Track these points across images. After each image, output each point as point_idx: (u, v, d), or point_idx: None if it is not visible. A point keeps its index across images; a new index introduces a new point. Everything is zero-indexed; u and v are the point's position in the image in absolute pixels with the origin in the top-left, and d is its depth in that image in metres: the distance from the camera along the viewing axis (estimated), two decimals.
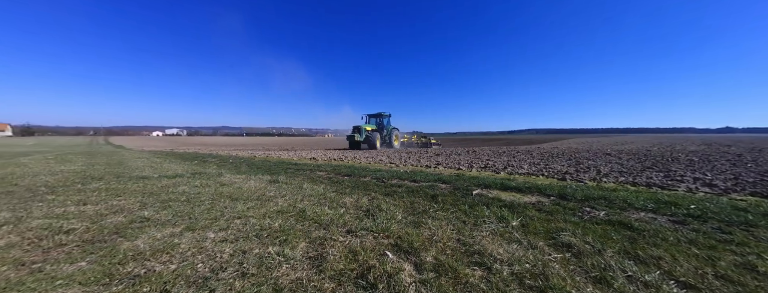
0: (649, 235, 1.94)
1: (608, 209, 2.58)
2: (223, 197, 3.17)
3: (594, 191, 3.31)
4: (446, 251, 1.72)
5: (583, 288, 1.31)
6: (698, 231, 2.04)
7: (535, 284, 1.34)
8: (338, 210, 2.60)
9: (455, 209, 2.65)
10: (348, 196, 3.25)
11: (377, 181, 4.38)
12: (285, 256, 1.63)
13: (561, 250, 1.73)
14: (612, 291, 1.29)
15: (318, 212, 2.50)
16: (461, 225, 2.19)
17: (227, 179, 4.56)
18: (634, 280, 1.37)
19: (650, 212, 2.53)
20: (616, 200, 2.86)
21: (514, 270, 1.48)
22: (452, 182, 4.07)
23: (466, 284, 1.36)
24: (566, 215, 2.45)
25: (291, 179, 4.45)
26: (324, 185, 4.00)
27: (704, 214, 2.37)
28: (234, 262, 1.58)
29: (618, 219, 2.27)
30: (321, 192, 3.45)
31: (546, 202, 2.94)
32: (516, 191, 3.51)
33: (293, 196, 3.23)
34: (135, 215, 2.48)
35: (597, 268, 1.48)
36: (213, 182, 4.21)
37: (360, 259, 1.60)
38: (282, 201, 2.98)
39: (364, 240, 1.90)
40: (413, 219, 2.35)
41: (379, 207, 2.69)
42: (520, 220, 2.28)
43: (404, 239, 1.88)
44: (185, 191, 3.58)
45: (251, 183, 4.10)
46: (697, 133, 52.81)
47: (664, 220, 2.31)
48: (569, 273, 1.44)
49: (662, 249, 1.70)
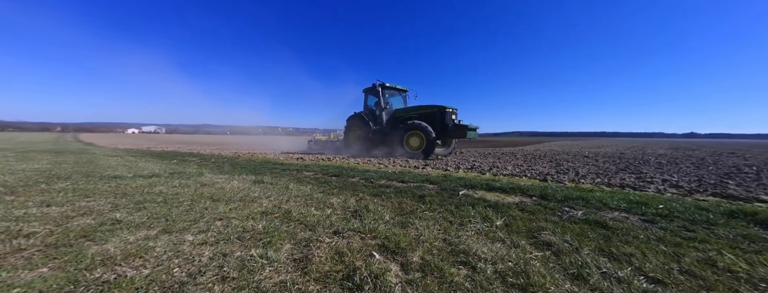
0: (622, 233, 2.05)
1: (585, 209, 2.71)
2: (204, 198, 3.04)
3: (573, 191, 3.47)
4: (433, 251, 1.74)
5: (561, 284, 1.36)
6: (665, 229, 2.18)
7: (517, 281, 1.38)
8: (325, 211, 2.57)
9: (442, 209, 2.68)
10: (335, 196, 3.22)
11: (365, 181, 4.36)
12: (268, 259, 1.58)
13: (542, 248, 1.79)
14: (588, 287, 1.35)
15: (304, 213, 2.46)
16: (448, 225, 2.22)
17: (208, 179, 4.38)
18: (608, 276, 1.44)
19: (623, 211, 2.67)
20: (593, 200, 3.01)
21: (498, 268, 1.51)
22: (439, 183, 4.13)
23: (451, 283, 1.37)
24: (547, 214, 2.54)
25: (277, 180, 4.34)
26: (311, 185, 3.94)
27: (671, 213, 2.54)
28: (214, 266, 1.52)
29: (594, 218, 2.38)
30: (308, 193, 3.39)
31: (528, 202, 3.04)
32: (500, 191, 3.60)
33: (278, 197, 3.16)
34: (105, 218, 2.33)
35: (574, 265, 1.54)
36: (193, 183, 4.03)
37: (346, 260, 1.58)
38: (267, 202, 2.90)
39: (351, 240, 1.89)
40: (401, 220, 2.35)
41: (366, 208, 2.67)
42: (503, 220, 2.34)
43: (391, 239, 1.88)
44: (162, 191, 3.41)
45: (234, 184, 3.96)
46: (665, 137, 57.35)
47: (635, 219, 2.45)
48: (549, 270, 1.50)
49: (634, 247, 1.80)
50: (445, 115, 9.83)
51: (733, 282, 1.40)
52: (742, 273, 1.47)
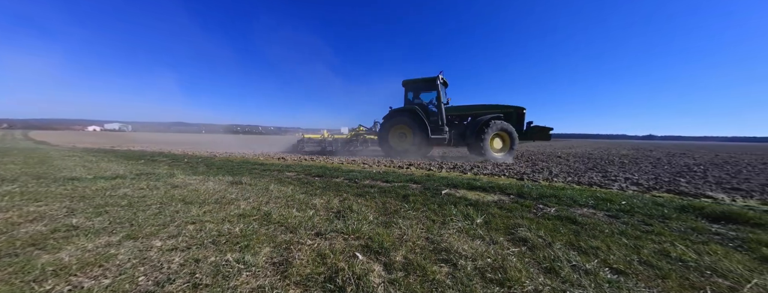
0: (589, 228, 2.20)
1: (558, 206, 2.87)
2: (175, 201, 2.85)
3: (546, 189, 3.66)
4: (415, 250, 1.75)
5: (535, 278, 1.44)
6: (627, 223, 2.36)
7: (495, 277, 1.43)
8: (307, 212, 2.51)
9: (425, 208, 2.72)
10: (318, 197, 3.15)
11: (349, 182, 4.32)
12: (245, 263, 1.51)
13: (518, 244, 1.87)
14: (559, 279, 1.43)
15: (285, 215, 2.38)
16: (430, 224, 2.26)
17: (181, 180, 4.12)
18: (578, 269, 1.53)
19: (591, 208, 2.87)
20: (564, 197, 3.20)
21: (477, 264, 1.56)
22: (423, 183, 4.18)
23: (433, 281, 1.40)
24: (523, 212, 2.67)
25: (256, 181, 4.18)
26: (293, 186, 3.83)
27: (632, 209, 2.76)
28: (184, 273, 1.43)
29: (565, 215, 2.54)
30: (289, 194, 3.29)
31: (506, 200, 3.17)
32: (481, 190, 3.73)
33: (258, 198, 3.04)
34: (59, 224, 2.11)
35: (547, 260, 1.63)
36: (163, 184, 3.77)
37: (328, 262, 1.55)
38: (245, 204, 2.78)
39: (334, 242, 1.86)
40: (384, 220, 2.36)
41: (350, 208, 2.65)
42: (483, 217, 2.42)
43: (375, 239, 1.87)
44: (127, 194, 3.15)
45: (209, 185, 3.76)
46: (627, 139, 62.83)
47: (601, 215, 2.64)
48: (524, 265, 1.57)
49: (600, 240, 1.94)
50: (522, 116, 9.15)
51: (684, 271, 1.55)
52: (691, 262, 1.64)
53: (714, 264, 1.60)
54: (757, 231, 2.17)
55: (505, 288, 1.34)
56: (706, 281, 1.44)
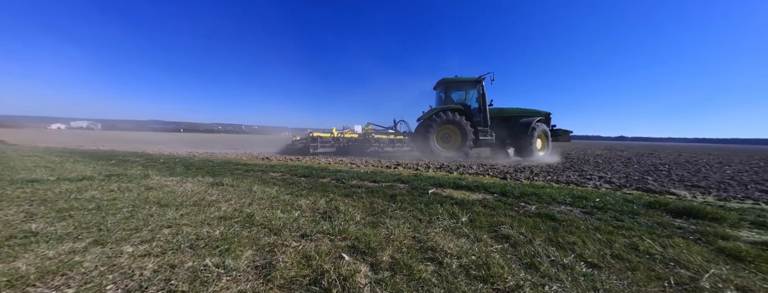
0: (567, 225, 2.31)
1: (538, 204, 2.99)
2: (149, 204, 2.69)
3: (528, 188, 3.81)
4: (402, 249, 1.76)
5: (517, 273, 1.48)
6: (601, 219, 2.50)
7: (479, 274, 1.47)
8: (292, 214, 2.45)
9: (412, 208, 2.74)
10: (304, 198, 3.09)
11: (337, 182, 4.27)
12: (226, 267, 1.45)
13: (501, 241, 1.93)
14: (539, 274, 1.49)
15: (269, 217, 2.31)
16: (417, 223, 2.27)
17: (156, 181, 3.89)
18: (556, 264, 1.60)
19: (568, 205, 3.01)
20: (544, 196, 3.34)
21: (462, 262, 1.59)
22: (410, 182, 4.21)
23: (419, 279, 1.41)
24: (506, 210, 2.75)
25: (238, 182, 4.03)
26: (278, 187, 3.73)
27: (605, 206, 2.93)
28: (158, 279, 1.35)
29: (545, 212, 2.65)
30: (274, 195, 3.20)
31: (490, 199, 3.26)
32: (466, 189, 3.81)
33: (240, 200, 2.93)
34: (16, 230, 1.93)
35: (528, 255, 1.69)
36: (136, 186, 3.55)
37: (314, 264, 1.52)
38: (226, 206, 2.67)
39: (320, 243, 1.83)
40: (372, 220, 2.35)
41: (337, 209, 2.62)
42: (468, 216, 2.48)
43: (362, 240, 1.86)
44: (95, 197, 2.94)
45: (188, 186, 3.58)
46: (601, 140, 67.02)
47: (577, 211, 2.78)
48: (507, 261, 1.62)
49: (576, 236, 2.04)
50: (549, 120, 9.65)
51: (651, 263, 1.66)
52: (657, 255, 1.76)
53: (677, 256, 1.73)
54: (714, 225, 2.37)
55: (488, 284, 1.38)
56: (670, 272, 1.55)
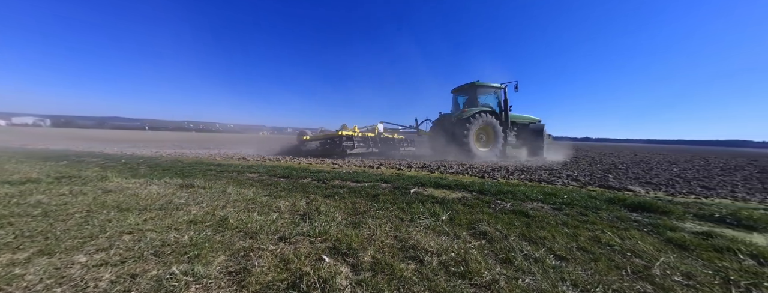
0: (538, 220, 2.45)
1: (513, 201, 3.15)
2: (108, 208, 2.46)
3: (504, 186, 3.99)
4: (384, 249, 1.76)
5: (493, 268, 1.55)
6: (568, 214, 2.69)
7: (458, 270, 1.51)
8: (270, 216, 2.36)
9: (394, 207, 2.76)
10: (283, 199, 2.99)
11: (318, 182, 4.18)
12: (195, 275, 1.36)
13: (479, 238, 2.00)
14: (513, 268, 1.56)
15: (244, 220, 2.21)
16: (399, 222, 2.29)
17: (116, 184, 3.56)
18: (528, 258, 1.70)
19: (540, 202, 3.20)
20: (518, 193, 3.52)
21: (442, 259, 1.63)
22: (393, 182, 4.24)
23: (400, 278, 1.42)
24: (483, 207, 2.86)
25: (211, 183, 3.80)
26: (254, 188, 3.57)
27: (572, 202, 3.15)
28: (116, 291, 1.23)
29: (519, 209, 2.79)
30: (250, 197, 3.06)
31: (469, 197, 3.37)
32: (446, 188, 3.90)
33: (213, 202, 2.77)
34: None
35: (503, 250, 1.77)
36: (92, 189, 3.22)
37: (292, 267, 1.48)
38: (197, 209, 2.51)
39: (299, 245, 1.78)
40: (353, 220, 2.33)
41: (318, 210, 2.56)
42: (448, 214, 2.54)
43: (343, 241, 1.84)
44: (41, 202, 2.62)
45: (153, 189, 3.32)
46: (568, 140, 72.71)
47: (548, 208, 2.96)
48: (484, 257, 1.69)
49: (546, 231, 2.17)
50: None
51: (611, 254, 1.81)
52: (616, 246, 1.92)
53: (633, 247, 1.90)
54: (664, 218, 2.64)
55: (466, 280, 1.42)
56: (627, 261, 1.70)
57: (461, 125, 9.63)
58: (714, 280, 1.48)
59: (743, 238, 2.12)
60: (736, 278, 1.49)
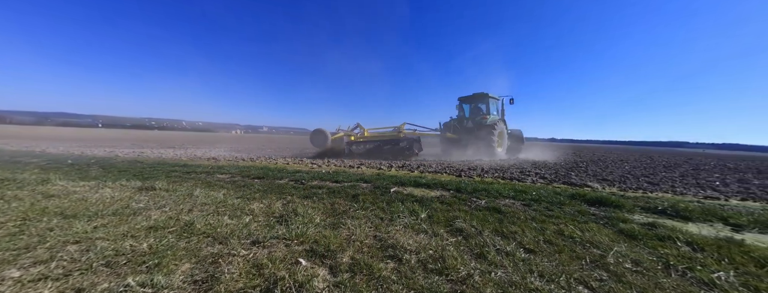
0: (510, 216, 2.59)
1: (487, 199, 3.29)
2: (49, 215, 2.17)
3: (479, 184, 4.16)
4: (363, 249, 1.75)
5: (468, 263, 1.61)
6: (536, 210, 2.87)
7: (435, 267, 1.55)
8: (242, 219, 2.23)
9: (374, 207, 2.75)
10: (257, 202, 2.85)
11: (295, 183, 4.05)
12: (155, 285, 1.25)
13: (455, 235, 2.07)
14: (487, 262, 1.63)
15: (213, 224, 2.07)
16: (379, 222, 2.29)
17: (60, 188, 3.16)
18: (501, 252, 1.78)
19: (511, 198, 3.39)
20: (492, 191, 3.69)
21: (421, 257, 1.66)
22: (373, 182, 4.23)
23: (379, 278, 1.42)
24: (460, 205, 2.96)
25: (175, 185, 3.52)
26: (225, 190, 3.37)
27: (540, 198, 3.37)
28: None
29: (493, 206, 2.92)
30: (220, 199, 2.87)
31: (447, 195, 3.46)
32: (425, 187, 3.98)
33: (177, 206, 2.56)
34: None
35: (478, 246, 1.85)
36: (29, 194, 2.82)
37: (266, 273, 1.41)
38: (158, 214, 2.30)
39: (274, 249, 1.70)
40: (332, 221, 2.28)
41: (295, 211, 2.48)
42: (427, 212, 2.59)
43: (321, 242, 1.80)
44: None
45: (106, 193, 2.99)
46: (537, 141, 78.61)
47: (518, 204, 3.14)
48: (460, 253, 1.74)
49: (517, 226, 2.30)
50: None
51: (573, 245, 1.96)
52: (577, 238, 2.09)
53: (591, 238, 2.08)
54: (617, 211, 2.93)
55: (443, 276, 1.46)
56: (586, 251, 1.86)
57: (488, 130, 11.14)
58: (657, 266, 1.67)
59: (681, 227, 2.42)
60: (675, 263, 1.70)
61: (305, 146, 17.64)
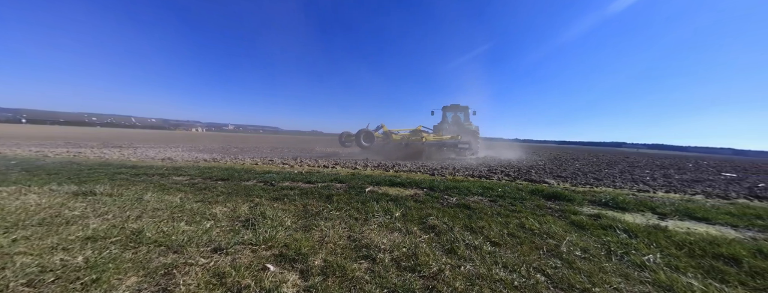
0: (478, 212, 2.73)
1: (458, 196, 3.44)
2: None
3: (451, 183, 4.33)
4: (336, 250, 1.72)
5: (440, 259, 1.66)
6: (501, 205, 3.07)
7: (408, 264, 1.57)
8: (202, 225, 2.05)
9: (349, 207, 2.72)
10: (220, 205, 2.64)
11: (265, 184, 3.83)
12: None
13: (428, 232, 2.13)
14: (457, 257, 1.71)
15: (167, 231, 1.87)
16: (353, 222, 2.26)
17: None
18: (470, 246, 1.88)
19: (480, 195, 3.58)
20: (463, 188, 3.87)
21: (394, 255, 1.67)
22: (348, 182, 4.17)
23: (352, 279, 1.40)
24: (433, 203, 3.05)
25: (121, 189, 3.12)
26: (183, 193, 3.07)
27: (505, 194, 3.61)
28: None
29: (463, 202, 3.06)
30: (176, 204, 2.61)
31: (421, 194, 3.55)
32: (400, 186, 4.04)
33: (123, 213, 2.27)
34: None
35: (449, 242, 1.92)
36: None
37: (229, 282, 1.31)
38: (98, 222, 2.02)
39: (239, 256, 1.59)
40: (304, 223, 2.20)
41: (263, 214, 2.34)
42: (401, 211, 2.63)
43: (291, 246, 1.72)
44: None
45: (30, 199, 2.54)
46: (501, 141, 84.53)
47: (486, 200, 3.33)
48: (432, 249, 1.79)
49: (484, 221, 2.44)
50: None
51: (532, 237, 2.13)
52: (536, 230, 2.28)
53: (548, 230, 2.29)
54: (569, 204, 3.25)
55: (416, 273, 1.49)
56: (544, 242, 2.03)
57: (474, 135, 13.30)
58: (601, 252, 1.89)
59: (620, 217, 2.76)
60: (615, 249, 1.93)
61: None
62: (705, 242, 2.08)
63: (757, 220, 2.82)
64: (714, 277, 1.59)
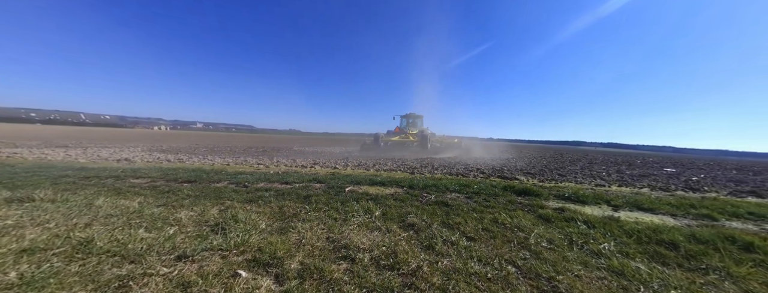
0: (455, 208, 2.82)
1: (436, 194, 3.53)
2: None
3: (430, 181, 4.43)
4: (314, 252, 1.67)
5: (418, 256, 1.69)
6: (477, 202, 3.20)
7: (388, 263, 1.57)
8: (165, 231, 1.89)
9: (328, 207, 2.66)
10: (186, 209, 2.45)
11: (237, 186, 3.62)
12: None
13: (407, 230, 2.15)
14: (435, 253, 1.75)
15: (122, 240, 1.69)
16: (332, 223, 2.22)
17: None
18: (447, 242, 1.93)
19: (457, 192, 3.70)
20: (441, 186, 3.97)
21: (374, 255, 1.67)
22: (327, 182, 4.09)
23: (330, 281, 1.37)
24: (412, 201, 3.10)
25: (67, 194, 2.77)
26: (142, 197, 2.80)
27: (480, 191, 3.77)
28: None
29: (441, 200, 3.15)
30: (134, 209, 2.37)
31: (401, 192, 3.58)
32: (380, 185, 4.04)
33: (68, 221, 2.01)
34: None
35: (427, 238, 1.96)
36: None
37: (194, 291, 1.22)
38: (37, 232, 1.77)
39: (206, 263, 1.49)
40: (280, 225, 2.12)
41: (235, 218, 2.21)
42: (381, 210, 2.63)
43: (266, 250, 1.64)
44: None
45: None
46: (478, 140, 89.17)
47: (463, 197, 3.45)
48: (411, 246, 1.82)
49: (461, 217, 2.52)
50: None
51: (505, 231, 2.25)
52: (508, 224, 2.40)
53: (519, 223, 2.42)
54: (537, 199, 3.48)
55: (395, 271, 1.50)
56: (514, 235, 2.15)
57: (427, 137, 16.56)
58: (564, 242, 2.04)
59: (580, 210, 3.01)
60: (576, 239, 2.10)
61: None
62: (650, 230, 2.33)
63: (692, 209, 3.23)
64: (657, 261, 1.79)
